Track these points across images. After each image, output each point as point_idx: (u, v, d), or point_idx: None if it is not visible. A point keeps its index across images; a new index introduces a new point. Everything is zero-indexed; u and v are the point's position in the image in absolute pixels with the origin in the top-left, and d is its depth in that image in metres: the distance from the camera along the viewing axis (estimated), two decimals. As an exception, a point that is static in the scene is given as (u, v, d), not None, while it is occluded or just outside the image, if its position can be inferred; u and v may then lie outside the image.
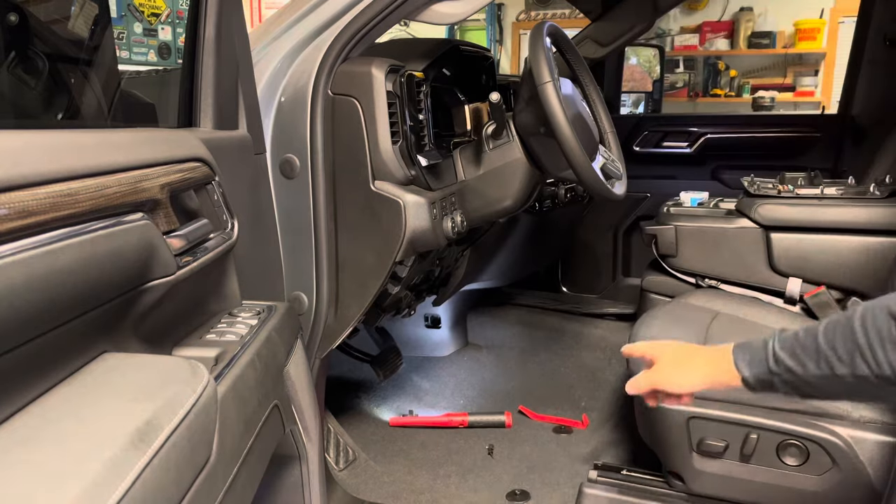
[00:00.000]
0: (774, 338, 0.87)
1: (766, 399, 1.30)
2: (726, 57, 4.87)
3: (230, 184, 1.00)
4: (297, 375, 1.02)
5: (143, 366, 0.72)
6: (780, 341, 0.85)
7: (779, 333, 0.87)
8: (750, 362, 0.87)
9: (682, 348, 0.99)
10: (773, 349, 0.85)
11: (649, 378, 0.98)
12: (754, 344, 0.89)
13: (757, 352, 0.87)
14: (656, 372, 0.98)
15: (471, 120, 1.69)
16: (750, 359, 0.87)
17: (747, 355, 0.88)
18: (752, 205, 1.87)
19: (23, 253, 0.54)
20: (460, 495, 1.66)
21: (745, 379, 0.87)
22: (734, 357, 0.89)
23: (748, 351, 0.88)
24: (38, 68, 1.09)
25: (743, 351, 0.89)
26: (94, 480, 0.51)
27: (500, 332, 2.52)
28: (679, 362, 0.96)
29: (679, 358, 0.97)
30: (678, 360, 0.96)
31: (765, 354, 0.86)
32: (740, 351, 0.89)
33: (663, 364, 0.97)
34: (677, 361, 0.96)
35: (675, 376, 0.95)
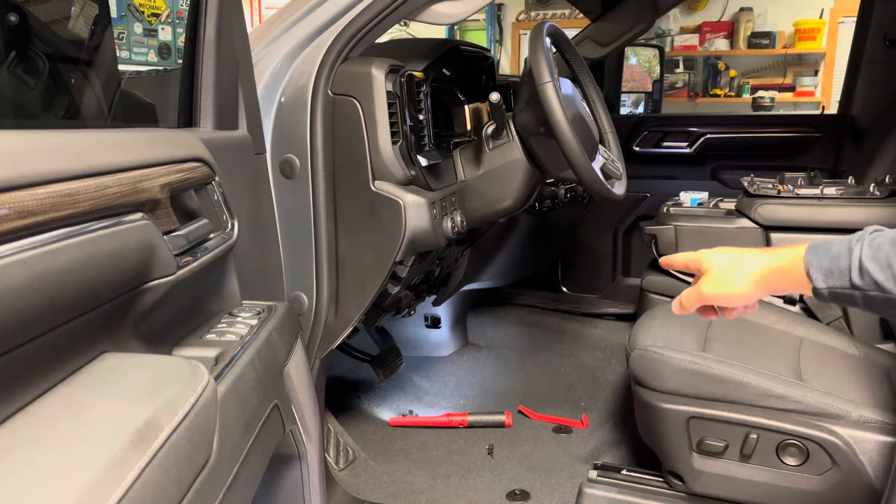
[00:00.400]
0: (863, 242, 0.72)
1: (766, 399, 1.30)
2: (726, 57, 4.87)
3: (230, 184, 1.00)
4: (297, 375, 1.02)
5: (143, 366, 0.72)
6: (870, 247, 0.70)
7: (868, 235, 0.72)
8: (828, 272, 0.73)
9: (735, 253, 0.84)
10: (860, 259, 0.70)
11: (698, 292, 0.85)
12: (834, 247, 0.74)
13: (838, 258, 0.72)
14: (707, 284, 0.84)
15: (471, 120, 1.69)
16: (828, 267, 0.73)
17: (825, 261, 0.74)
18: (751, 205, 1.87)
19: (23, 253, 0.54)
20: (460, 495, 1.66)
21: (817, 290, 0.74)
22: (807, 261, 0.75)
23: (826, 256, 0.74)
24: (38, 68, 1.09)
25: (819, 255, 0.74)
26: (94, 480, 0.51)
27: (500, 332, 2.52)
28: (734, 268, 0.82)
29: (734, 265, 0.83)
30: (733, 266, 0.83)
31: (848, 263, 0.71)
32: (816, 255, 0.75)
33: (714, 274, 0.84)
34: (733, 268, 0.83)
35: (730, 286, 0.82)
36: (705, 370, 1.33)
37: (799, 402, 1.28)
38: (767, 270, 0.80)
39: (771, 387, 1.30)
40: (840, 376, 1.35)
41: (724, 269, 0.83)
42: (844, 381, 1.33)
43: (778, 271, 0.79)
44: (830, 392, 1.29)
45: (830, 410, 1.26)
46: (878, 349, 1.55)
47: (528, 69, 1.37)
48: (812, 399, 1.27)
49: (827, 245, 0.74)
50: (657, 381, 1.37)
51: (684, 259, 0.89)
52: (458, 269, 2.04)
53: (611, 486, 1.49)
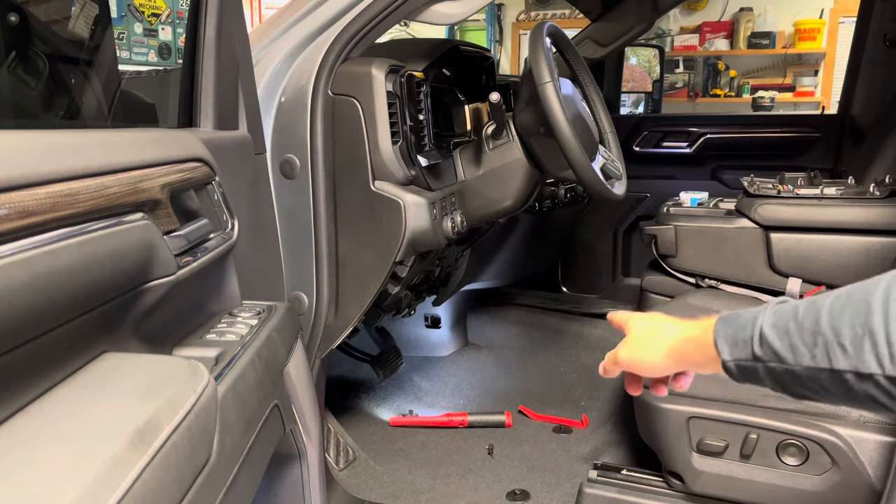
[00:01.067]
0: (767, 309, 0.63)
1: (766, 399, 1.30)
2: (726, 57, 4.87)
3: (230, 184, 1.00)
4: (297, 375, 1.02)
5: (143, 366, 0.72)
6: (773, 314, 0.62)
7: (776, 304, 0.64)
8: (733, 342, 0.64)
9: (656, 320, 0.78)
10: (761, 327, 0.62)
11: (614, 356, 0.80)
12: (742, 316, 0.65)
13: (743, 327, 0.64)
14: (623, 348, 0.79)
15: (471, 120, 1.69)
16: (734, 336, 0.64)
17: (731, 329, 0.65)
18: (751, 205, 1.87)
19: (23, 253, 0.54)
20: (460, 495, 1.66)
21: (724, 364, 0.65)
22: (715, 331, 0.66)
23: (733, 324, 0.65)
24: (38, 68, 1.09)
25: (727, 324, 0.66)
26: (94, 480, 0.51)
27: (500, 332, 2.52)
28: (650, 336, 0.76)
29: (650, 332, 0.77)
30: (649, 333, 0.77)
31: (751, 332, 0.63)
32: (724, 325, 0.66)
33: (630, 339, 0.79)
34: (647, 335, 0.77)
35: (643, 353, 0.76)
36: (705, 370, 1.33)
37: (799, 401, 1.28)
38: (680, 340, 0.73)
39: (771, 387, 1.30)
40: (840, 376, 1.35)
41: (640, 335, 0.78)
42: (844, 381, 1.33)
43: (690, 341, 0.71)
44: (830, 392, 1.29)
45: (830, 410, 1.26)
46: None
47: (528, 69, 1.37)
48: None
49: (737, 314, 0.66)
50: (657, 381, 1.37)
51: (619, 320, 0.85)
52: (458, 269, 2.04)
53: (611, 486, 1.49)
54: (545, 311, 2.63)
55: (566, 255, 2.82)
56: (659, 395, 0.83)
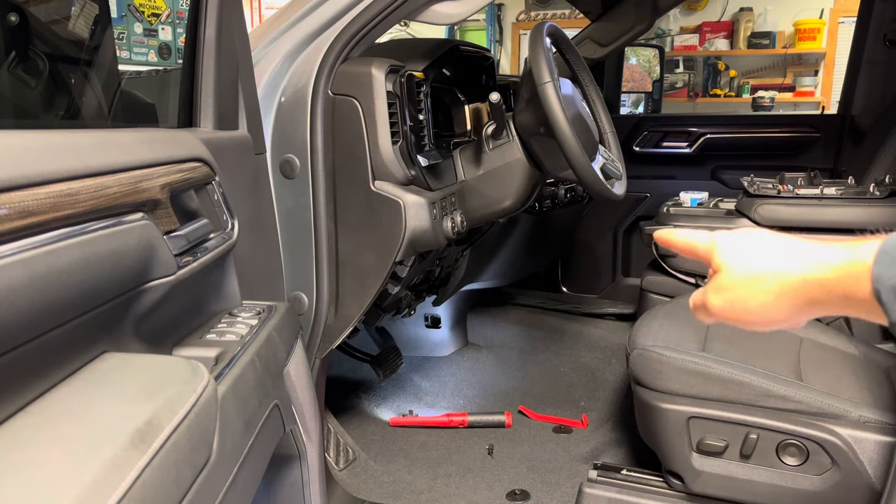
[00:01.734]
0: None
1: (766, 399, 1.30)
2: (726, 57, 4.87)
3: (230, 184, 1.00)
4: (297, 375, 1.02)
5: (143, 366, 0.72)
6: None
7: None
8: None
9: (764, 250, 0.57)
10: None
11: (704, 306, 0.60)
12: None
13: None
14: (717, 295, 0.59)
15: (471, 120, 1.69)
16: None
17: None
18: (751, 205, 1.87)
19: (23, 253, 0.54)
20: (460, 495, 1.66)
21: (894, 322, 0.48)
22: (876, 278, 0.48)
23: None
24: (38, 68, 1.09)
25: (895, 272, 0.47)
26: (94, 480, 0.51)
27: (500, 332, 2.52)
28: (758, 279, 0.56)
29: (758, 273, 0.56)
30: (756, 276, 0.56)
31: None
32: (892, 266, 0.48)
33: (727, 283, 0.58)
34: (756, 278, 0.56)
35: (751, 306, 0.56)
36: (705, 370, 1.33)
37: (799, 402, 1.28)
38: (810, 286, 0.53)
39: (771, 387, 1.30)
40: (840, 376, 1.35)
41: (742, 278, 0.57)
42: (844, 381, 1.33)
43: (826, 288, 0.52)
44: (830, 392, 1.29)
45: (830, 410, 1.26)
46: (877, 349, 1.55)
47: (528, 69, 1.37)
48: (812, 399, 1.27)
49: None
50: (657, 381, 1.37)
51: (688, 243, 0.64)
52: (458, 269, 2.04)
53: (611, 486, 1.49)
54: (545, 311, 2.63)
55: (566, 255, 2.82)
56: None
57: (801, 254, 0.55)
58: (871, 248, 0.49)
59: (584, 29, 2.65)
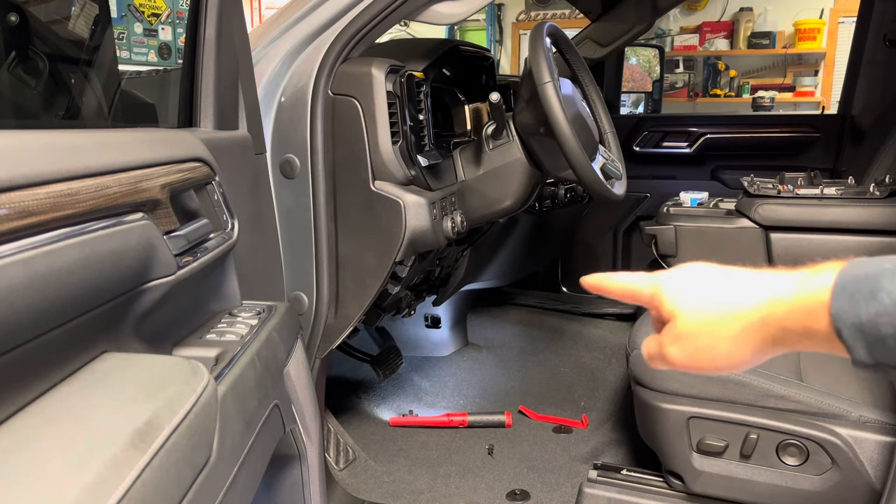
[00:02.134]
0: None
1: (766, 399, 1.30)
2: (726, 57, 4.87)
3: (230, 184, 1.00)
4: (297, 375, 1.02)
5: (143, 366, 0.72)
6: None
7: None
8: (875, 337, 0.43)
9: (714, 293, 0.53)
10: None
11: (662, 357, 0.57)
12: (885, 286, 0.43)
13: (895, 322, 0.42)
14: (674, 347, 0.55)
15: (471, 120, 1.69)
16: (874, 326, 0.42)
17: (865, 311, 0.43)
18: (751, 205, 1.87)
19: (23, 253, 0.54)
20: (460, 495, 1.66)
21: (858, 362, 0.45)
22: (835, 315, 0.45)
23: (866, 299, 0.43)
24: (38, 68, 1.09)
25: (855, 301, 0.44)
26: (94, 480, 0.51)
27: (500, 332, 2.52)
28: (715, 324, 0.52)
29: (713, 319, 0.52)
30: (712, 322, 0.52)
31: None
32: (850, 302, 0.44)
33: (683, 333, 0.54)
34: (712, 323, 0.52)
35: (712, 354, 0.53)
36: (705, 370, 1.33)
37: (799, 401, 1.28)
38: (770, 326, 0.49)
39: (771, 387, 1.30)
40: (840, 376, 1.35)
41: (702, 325, 0.53)
42: (844, 381, 1.33)
43: (785, 328, 0.48)
44: (830, 392, 1.29)
45: (830, 410, 1.26)
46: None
47: (528, 69, 1.37)
48: (812, 399, 1.27)
49: (873, 281, 0.43)
50: (657, 381, 1.37)
51: (628, 288, 0.60)
52: (458, 269, 2.04)
53: (611, 486, 1.49)
54: (545, 311, 2.63)
55: (566, 255, 2.81)
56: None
57: (754, 291, 0.51)
58: (826, 282, 0.46)
59: (584, 29, 2.65)
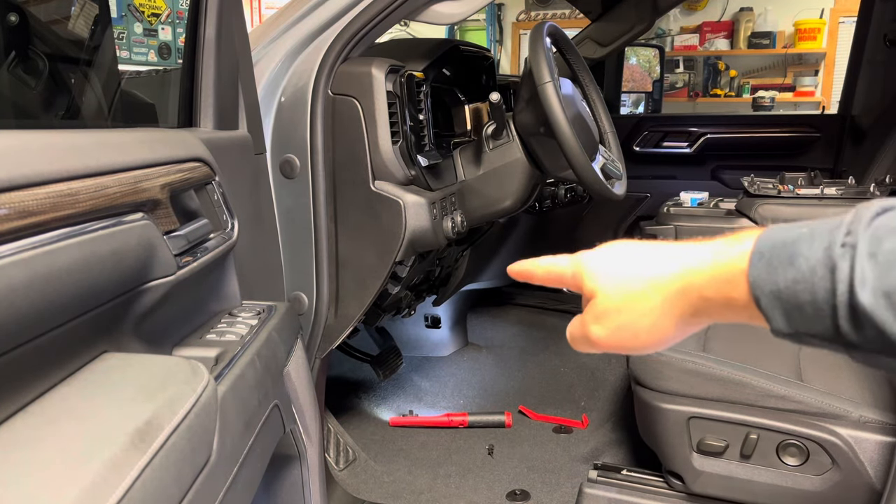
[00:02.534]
0: (855, 250, 0.38)
1: (766, 399, 1.30)
2: (726, 57, 4.87)
3: (230, 184, 1.00)
4: (297, 375, 1.02)
5: (143, 366, 0.72)
6: (873, 262, 0.37)
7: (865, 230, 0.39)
8: (793, 304, 0.41)
9: (632, 264, 0.52)
10: (853, 289, 0.37)
11: (585, 336, 0.55)
12: (801, 253, 0.41)
13: (807, 279, 0.40)
14: (596, 324, 0.53)
15: (471, 120, 1.69)
16: (792, 293, 0.40)
17: (783, 279, 0.41)
18: (752, 205, 1.87)
19: (23, 253, 0.54)
20: (460, 495, 1.66)
21: (777, 331, 0.43)
22: (753, 282, 0.43)
23: (785, 268, 0.41)
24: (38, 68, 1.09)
25: (773, 268, 0.42)
26: (94, 480, 0.51)
27: (500, 332, 2.52)
28: (634, 298, 0.50)
29: (632, 291, 0.51)
30: (631, 295, 0.51)
31: (829, 294, 0.39)
32: (769, 269, 0.42)
33: (602, 309, 0.53)
34: (631, 297, 0.51)
35: (633, 331, 0.51)
36: (705, 370, 1.33)
37: (799, 402, 1.28)
38: (690, 295, 0.48)
39: (771, 387, 1.30)
40: (840, 376, 1.35)
41: (622, 300, 0.51)
42: (844, 381, 1.33)
43: (704, 296, 0.47)
44: (830, 392, 1.29)
45: (830, 410, 1.26)
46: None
47: (528, 69, 1.37)
48: (812, 399, 1.27)
49: (791, 247, 0.41)
50: (657, 381, 1.37)
51: (552, 270, 0.60)
52: (458, 269, 2.04)
53: (611, 486, 1.49)
54: (545, 311, 2.63)
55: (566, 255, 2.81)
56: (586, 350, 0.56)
57: (672, 261, 0.49)
58: (744, 249, 0.44)
59: (584, 29, 2.65)
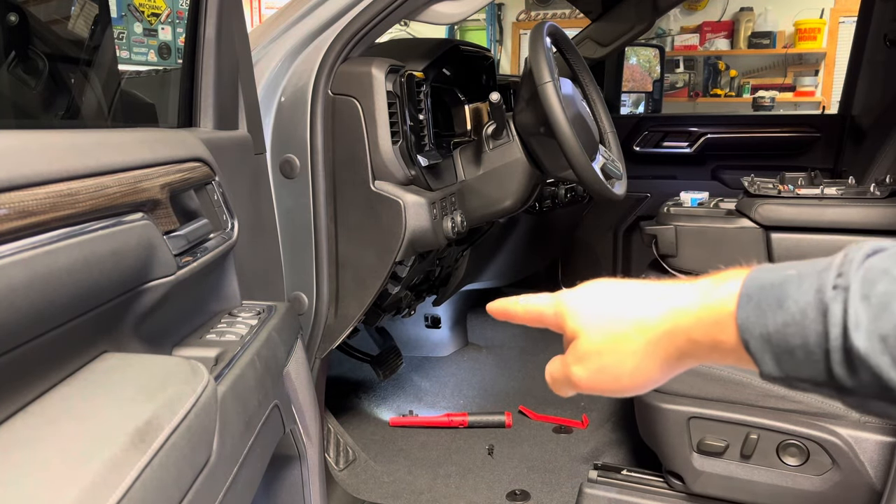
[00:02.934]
0: (847, 293, 0.37)
1: (766, 399, 1.30)
2: (726, 57, 4.87)
3: (230, 184, 1.00)
4: (297, 375, 1.02)
5: (143, 366, 0.71)
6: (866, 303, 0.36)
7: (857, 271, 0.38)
8: (783, 348, 0.40)
9: (615, 305, 0.50)
10: (847, 334, 0.36)
11: (567, 379, 0.54)
12: (790, 295, 0.40)
13: (798, 321, 0.39)
14: (579, 366, 0.52)
15: (471, 120, 1.69)
16: (782, 337, 0.39)
17: (772, 322, 0.40)
18: (752, 205, 1.87)
19: (23, 253, 0.54)
20: (460, 495, 1.65)
21: (767, 375, 0.42)
22: (742, 325, 0.42)
23: (774, 310, 0.40)
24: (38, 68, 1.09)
25: (762, 311, 0.41)
26: (94, 480, 0.51)
27: (500, 332, 2.52)
28: (618, 340, 0.49)
29: (615, 335, 0.49)
30: (614, 338, 0.49)
31: (821, 338, 0.38)
32: (757, 311, 0.41)
33: (585, 351, 0.51)
34: (614, 339, 0.49)
35: (614, 370, 0.50)
36: (705, 370, 1.33)
37: (799, 402, 1.28)
38: (677, 338, 0.46)
39: (771, 387, 1.30)
40: (840, 376, 1.35)
41: (605, 342, 0.50)
42: (845, 381, 1.33)
43: (692, 339, 0.45)
44: (831, 392, 1.29)
45: (831, 410, 1.26)
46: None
47: (528, 69, 1.37)
48: (812, 399, 1.27)
49: (778, 289, 0.40)
50: (657, 381, 1.37)
51: (532, 309, 0.59)
52: (458, 269, 2.04)
53: (611, 486, 1.49)
54: (545, 311, 2.62)
55: (566, 255, 2.81)
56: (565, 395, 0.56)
57: (658, 302, 0.48)
58: (731, 290, 0.43)
59: (584, 29, 2.65)
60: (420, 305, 2.07)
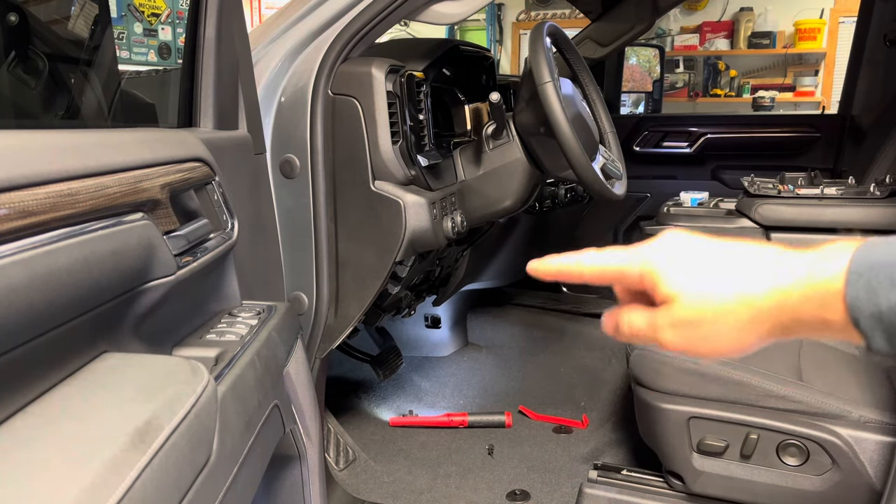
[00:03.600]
0: None
1: (766, 399, 1.30)
2: (726, 57, 4.87)
3: (230, 184, 1.00)
4: (297, 375, 1.02)
5: (143, 366, 0.71)
6: None
7: None
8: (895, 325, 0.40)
9: (719, 271, 0.48)
10: None
11: (654, 336, 0.51)
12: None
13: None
14: (670, 329, 0.50)
15: (471, 120, 1.69)
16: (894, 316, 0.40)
17: (886, 301, 0.40)
18: (752, 205, 1.87)
19: (23, 253, 0.54)
20: (460, 495, 1.66)
21: (878, 351, 0.42)
22: (851, 302, 0.41)
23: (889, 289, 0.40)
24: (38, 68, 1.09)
25: (873, 288, 0.40)
26: (94, 480, 0.51)
27: (500, 332, 2.52)
28: (720, 310, 0.47)
29: (718, 304, 0.47)
30: (717, 307, 0.47)
31: None
32: (867, 289, 0.41)
33: (682, 317, 0.49)
34: (717, 310, 0.47)
35: (714, 340, 0.48)
36: (705, 370, 1.33)
37: (799, 402, 1.28)
38: (784, 313, 0.45)
39: (771, 387, 1.30)
40: (840, 376, 1.35)
41: (711, 312, 0.48)
42: (844, 381, 1.33)
43: (798, 317, 0.45)
44: (831, 392, 1.29)
45: (831, 410, 1.26)
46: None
47: (528, 69, 1.37)
48: (812, 399, 1.27)
49: (889, 267, 0.40)
50: (657, 381, 1.37)
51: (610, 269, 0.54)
52: (458, 269, 2.04)
53: (611, 486, 1.49)
54: (545, 311, 2.63)
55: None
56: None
57: (763, 275, 0.46)
58: (838, 268, 0.42)
59: (584, 29, 2.65)
60: (420, 305, 2.07)
